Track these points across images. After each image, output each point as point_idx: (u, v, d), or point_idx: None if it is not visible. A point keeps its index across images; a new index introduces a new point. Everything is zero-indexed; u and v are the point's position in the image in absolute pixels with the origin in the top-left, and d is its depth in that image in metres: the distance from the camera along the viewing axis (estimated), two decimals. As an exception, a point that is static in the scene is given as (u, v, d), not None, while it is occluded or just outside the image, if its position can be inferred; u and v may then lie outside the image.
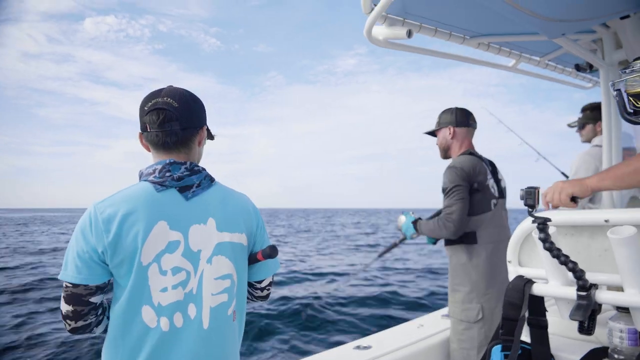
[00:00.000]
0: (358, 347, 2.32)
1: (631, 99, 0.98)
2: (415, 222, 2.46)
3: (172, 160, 1.20)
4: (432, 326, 2.57)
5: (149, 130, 1.19)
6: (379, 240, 24.05)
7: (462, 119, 2.42)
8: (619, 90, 1.00)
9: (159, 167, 1.19)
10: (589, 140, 3.12)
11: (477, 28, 2.26)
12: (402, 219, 2.54)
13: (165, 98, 1.18)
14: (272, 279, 1.43)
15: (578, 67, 2.83)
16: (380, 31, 1.96)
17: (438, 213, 2.41)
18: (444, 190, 2.27)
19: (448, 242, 2.35)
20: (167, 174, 1.18)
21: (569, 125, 3.32)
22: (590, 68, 2.79)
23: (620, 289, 1.28)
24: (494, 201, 2.30)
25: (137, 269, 1.09)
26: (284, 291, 8.78)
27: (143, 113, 1.20)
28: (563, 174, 3.47)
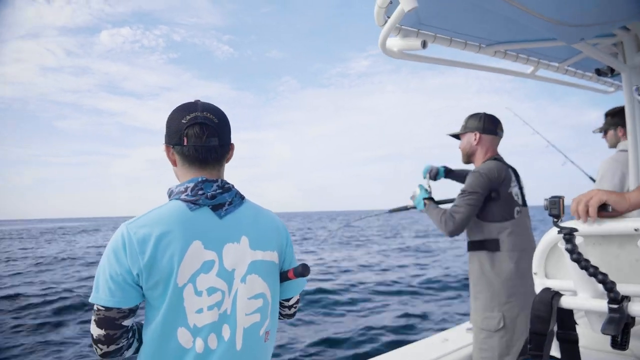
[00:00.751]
0: None
1: None
2: (426, 200, 2.45)
3: (204, 178, 1.18)
4: (457, 340, 2.51)
5: (186, 144, 1.16)
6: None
7: (490, 127, 2.39)
8: None
9: (191, 185, 1.16)
10: (614, 146, 3.04)
11: (493, 36, 2.23)
12: (417, 191, 2.53)
13: (204, 113, 1.17)
14: (299, 297, 1.41)
15: (599, 72, 2.76)
16: (395, 43, 1.96)
17: (452, 200, 2.38)
18: (462, 191, 2.25)
19: (471, 248, 2.31)
20: (200, 192, 1.15)
21: (594, 132, 3.24)
22: (611, 72, 2.72)
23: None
24: (517, 209, 2.25)
25: (172, 290, 1.07)
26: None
27: (180, 126, 1.16)
28: (591, 178, 3.40)
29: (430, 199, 2.45)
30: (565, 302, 1.34)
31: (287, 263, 1.32)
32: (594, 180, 3.28)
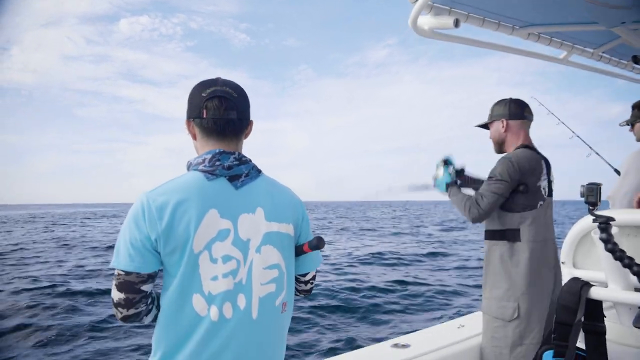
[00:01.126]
0: (396, 345, 2.26)
1: None
2: (448, 185, 2.38)
3: (221, 150, 1.20)
4: (473, 327, 2.48)
5: (205, 116, 1.19)
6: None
7: (517, 111, 2.29)
8: None
9: (209, 156, 1.18)
10: None
11: (528, 17, 2.14)
12: (440, 173, 2.45)
13: (223, 87, 1.20)
14: (315, 273, 1.40)
15: (636, 59, 2.66)
16: (426, 21, 1.89)
17: (480, 182, 2.33)
18: (490, 176, 2.19)
19: (489, 237, 2.26)
20: (218, 163, 1.17)
21: (621, 125, 3.14)
22: (649, 60, 2.61)
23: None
24: (541, 202, 2.18)
25: (188, 256, 1.09)
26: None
27: (200, 99, 1.19)
28: (616, 170, 3.30)
29: (454, 182, 2.40)
30: (596, 293, 1.31)
31: (302, 237, 1.33)
32: (619, 173, 3.20)
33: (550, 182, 2.25)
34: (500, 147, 2.35)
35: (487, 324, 2.22)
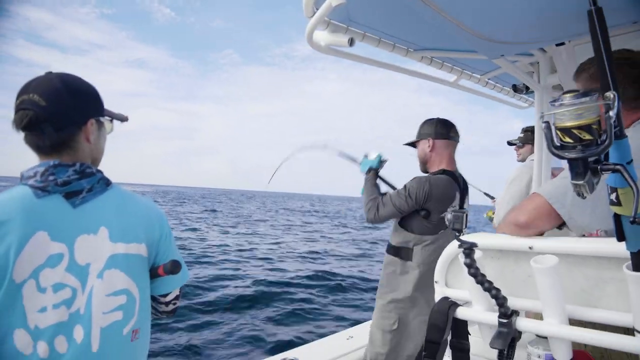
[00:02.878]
0: (284, 359, 2.25)
1: (559, 132, 0.96)
2: (368, 172, 2.43)
3: (56, 162, 1.06)
4: (362, 338, 2.54)
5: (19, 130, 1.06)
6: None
7: (442, 131, 2.34)
8: (547, 122, 0.98)
9: (41, 169, 1.04)
10: (524, 160, 3.24)
11: (421, 42, 2.25)
12: (372, 155, 2.48)
13: (31, 95, 1.04)
14: (180, 291, 1.31)
15: (515, 88, 2.91)
16: (322, 37, 1.90)
17: (393, 187, 2.40)
18: (403, 187, 2.23)
19: (388, 250, 2.33)
20: (51, 178, 1.04)
21: (509, 143, 3.43)
22: (526, 89, 2.87)
23: (540, 315, 1.29)
24: (442, 230, 2.24)
25: (8, 287, 0.95)
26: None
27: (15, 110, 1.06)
28: (486, 194, 3.67)
29: (376, 171, 2.41)
30: (461, 313, 1.37)
31: (161, 257, 1.23)
32: (492, 197, 3.68)
33: (462, 206, 2.32)
34: (424, 166, 2.40)
35: (371, 333, 2.30)
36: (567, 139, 0.95)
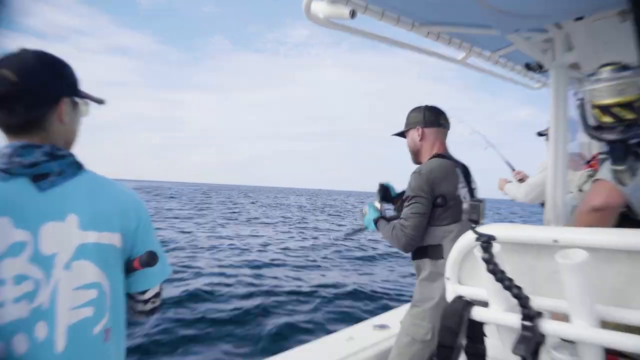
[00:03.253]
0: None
1: (596, 111, 0.81)
2: (377, 220, 2.23)
3: (25, 144, 0.97)
4: (364, 339, 2.40)
5: None
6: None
7: (432, 119, 2.16)
8: (581, 100, 0.83)
9: (8, 150, 0.96)
10: None
11: (428, 15, 2.07)
12: (366, 209, 2.30)
13: (1, 70, 0.95)
14: (160, 288, 1.18)
15: (528, 66, 2.74)
16: (321, 8, 1.73)
17: (402, 201, 2.20)
18: (406, 196, 2.05)
19: (413, 256, 2.14)
20: (17, 159, 0.95)
21: (539, 134, 3.24)
22: (540, 68, 2.70)
23: (566, 316, 1.14)
24: (461, 220, 2.07)
25: None
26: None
27: None
28: (507, 163, 3.53)
29: (382, 217, 2.23)
30: (477, 314, 1.23)
31: (138, 248, 1.10)
32: (513, 168, 3.52)
33: (472, 190, 2.15)
34: (416, 156, 2.22)
35: (398, 337, 2.11)
36: (606, 118, 0.81)
